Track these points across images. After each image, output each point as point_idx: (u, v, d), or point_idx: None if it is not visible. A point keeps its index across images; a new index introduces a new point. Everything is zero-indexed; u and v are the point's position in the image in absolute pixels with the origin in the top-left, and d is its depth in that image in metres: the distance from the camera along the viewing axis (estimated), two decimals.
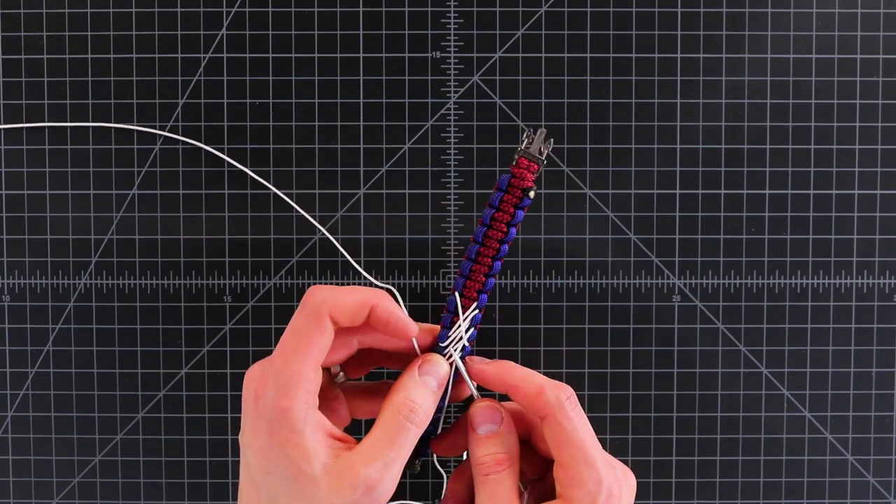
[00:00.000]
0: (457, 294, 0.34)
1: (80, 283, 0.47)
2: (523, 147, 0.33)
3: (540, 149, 0.33)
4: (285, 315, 0.47)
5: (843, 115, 0.46)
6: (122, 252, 0.47)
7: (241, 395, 0.33)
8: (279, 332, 0.47)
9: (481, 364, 0.34)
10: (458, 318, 0.33)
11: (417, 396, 0.32)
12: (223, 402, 0.47)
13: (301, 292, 0.47)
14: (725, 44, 0.46)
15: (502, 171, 0.40)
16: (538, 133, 0.33)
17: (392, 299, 0.33)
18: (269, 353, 0.47)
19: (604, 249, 0.47)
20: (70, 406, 0.47)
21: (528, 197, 0.33)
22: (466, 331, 0.34)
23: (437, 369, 0.33)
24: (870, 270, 0.47)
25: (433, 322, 0.48)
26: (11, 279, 0.47)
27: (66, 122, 0.46)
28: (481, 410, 0.33)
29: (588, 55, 0.46)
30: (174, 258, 0.47)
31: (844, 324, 0.47)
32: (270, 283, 0.47)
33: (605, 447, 0.47)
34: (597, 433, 0.47)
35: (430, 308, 0.47)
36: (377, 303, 0.32)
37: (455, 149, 0.46)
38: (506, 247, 0.33)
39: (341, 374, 0.36)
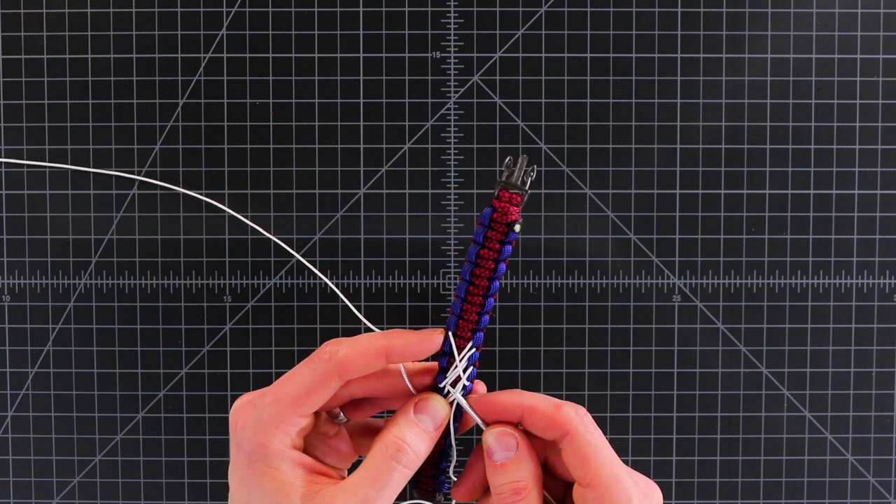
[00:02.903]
0: (450, 334, 0.32)
1: (80, 283, 0.47)
2: (503, 178, 0.31)
3: (522, 177, 0.31)
4: (285, 315, 0.47)
5: (843, 115, 0.46)
6: (122, 252, 0.47)
7: (241, 395, 0.33)
8: (279, 332, 0.47)
9: (489, 396, 0.32)
10: (455, 359, 0.32)
11: (408, 436, 0.31)
12: (223, 402, 0.47)
13: (301, 292, 0.47)
14: (725, 44, 0.46)
15: (479, 196, 0.39)
16: (519, 160, 0.31)
17: (403, 330, 0.32)
18: (269, 352, 0.47)
19: (604, 249, 0.47)
20: (70, 406, 0.47)
21: (514, 231, 0.31)
22: (465, 370, 0.32)
23: (435, 408, 0.32)
24: (870, 270, 0.47)
25: (433, 323, 0.48)
26: (11, 279, 0.47)
27: (66, 122, 0.46)
28: (495, 437, 0.32)
29: (588, 55, 0.46)
30: (174, 258, 0.47)
31: (844, 324, 0.47)
32: (270, 283, 0.47)
33: None
34: None
35: (430, 308, 0.47)
36: (390, 345, 0.31)
37: (455, 149, 0.46)
38: (497, 283, 0.32)
39: (342, 415, 0.35)
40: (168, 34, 0.46)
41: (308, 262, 0.47)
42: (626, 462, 0.47)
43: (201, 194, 0.47)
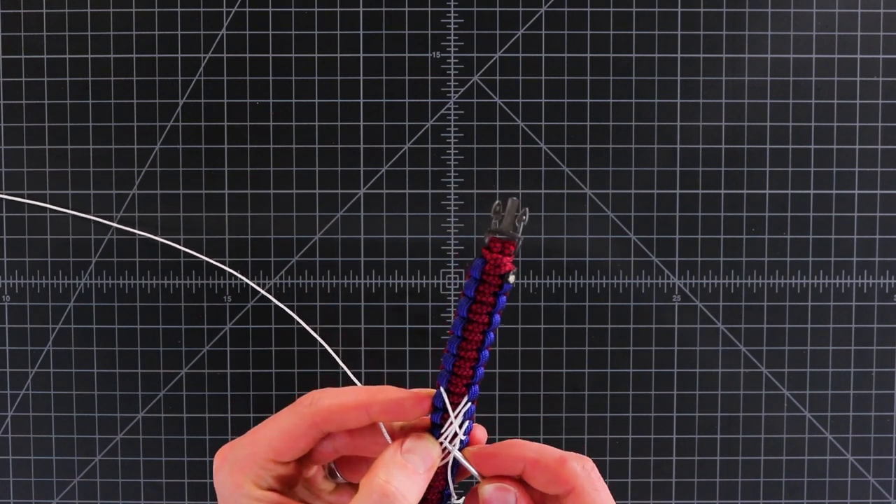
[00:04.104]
0: (443, 390, 0.29)
1: (80, 283, 0.47)
2: (493, 225, 0.28)
3: (514, 222, 0.28)
4: (285, 315, 0.47)
5: (843, 115, 0.46)
6: (122, 252, 0.47)
7: (241, 395, 0.33)
8: (279, 333, 0.47)
9: (489, 449, 0.30)
10: (449, 416, 0.29)
11: (397, 478, 0.28)
12: (223, 402, 0.47)
13: (301, 292, 0.47)
14: (725, 44, 0.46)
15: (478, 252, 0.35)
16: (508, 204, 0.28)
17: (393, 388, 0.30)
18: (269, 353, 0.47)
19: (604, 249, 0.47)
20: (70, 406, 0.47)
21: (508, 282, 0.28)
22: (461, 425, 0.29)
23: (425, 448, 0.29)
24: (870, 270, 0.47)
25: (433, 324, 0.48)
26: (11, 279, 0.47)
27: (66, 122, 0.46)
28: (492, 491, 0.30)
29: (588, 55, 0.46)
30: (174, 258, 0.47)
31: (844, 324, 0.47)
32: (270, 283, 0.47)
33: (605, 447, 0.47)
34: (597, 433, 0.47)
35: (430, 308, 0.47)
36: (371, 402, 0.29)
37: (455, 149, 0.46)
38: (491, 335, 0.29)
39: (338, 475, 0.33)
40: (168, 34, 0.46)
41: (307, 261, 0.47)
42: (625, 462, 0.47)
43: (179, 242, 0.47)
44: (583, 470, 0.29)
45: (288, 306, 0.47)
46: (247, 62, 0.46)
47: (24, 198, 0.47)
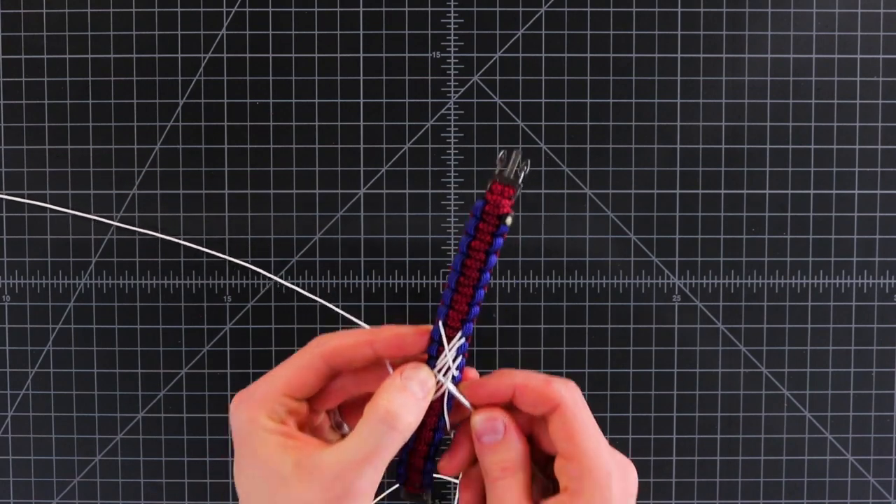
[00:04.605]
0: (440, 324, 0.32)
1: (80, 283, 0.47)
2: (497, 171, 0.31)
3: (516, 171, 0.31)
4: (285, 315, 0.47)
5: (843, 115, 0.46)
6: (122, 252, 0.47)
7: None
8: (279, 332, 0.47)
9: (478, 381, 0.33)
10: (444, 349, 0.32)
11: (397, 400, 0.31)
12: (223, 402, 0.47)
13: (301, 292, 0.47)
14: (725, 44, 0.46)
15: (478, 196, 0.39)
16: (513, 154, 0.31)
17: (394, 325, 0.33)
18: (269, 353, 0.47)
19: (604, 249, 0.47)
20: (70, 406, 0.47)
21: (505, 224, 0.31)
22: (454, 359, 0.32)
23: (422, 377, 0.32)
24: (870, 270, 0.47)
25: (431, 323, 0.48)
26: (11, 279, 0.47)
27: (66, 122, 0.46)
28: (482, 422, 0.32)
29: (588, 55, 0.46)
30: (174, 258, 0.47)
31: (844, 324, 0.47)
32: (270, 283, 0.47)
33: None
34: None
35: (430, 308, 0.47)
36: (375, 338, 0.32)
37: (455, 149, 0.46)
38: (487, 275, 0.32)
39: (345, 425, 0.35)
40: (168, 34, 0.46)
41: (307, 261, 0.47)
42: None
43: (180, 239, 0.47)
44: (567, 390, 0.31)
45: (288, 306, 0.47)
46: (247, 62, 0.46)
47: (24, 198, 0.47)
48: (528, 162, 0.31)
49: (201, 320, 0.47)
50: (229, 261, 0.47)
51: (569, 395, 0.31)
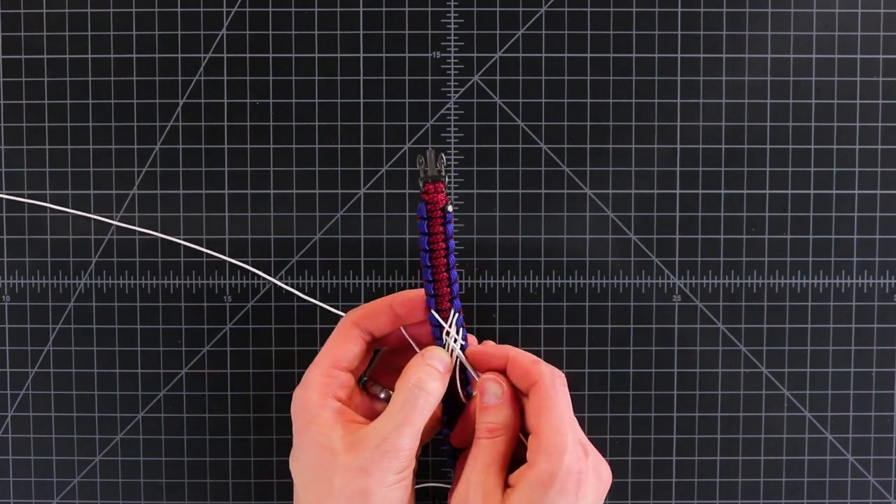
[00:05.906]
0: (433, 311, 0.37)
1: (80, 283, 0.47)
2: (422, 175, 0.36)
3: (436, 167, 0.36)
4: (285, 315, 0.47)
5: (843, 115, 0.46)
6: (122, 252, 0.47)
7: (241, 395, 0.36)
8: (279, 332, 0.47)
9: (481, 348, 0.39)
10: (445, 328, 0.37)
11: (424, 372, 0.36)
12: (223, 401, 0.47)
13: (301, 292, 0.47)
14: (725, 44, 0.46)
15: (419, 197, 0.46)
16: (427, 155, 0.36)
17: (408, 290, 0.39)
18: (269, 353, 0.47)
19: (604, 249, 0.47)
20: (70, 406, 0.47)
21: (449, 212, 0.36)
22: (458, 331, 0.38)
23: (440, 355, 0.37)
24: (870, 270, 0.47)
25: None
26: (11, 279, 0.47)
27: (66, 122, 0.46)
28: (487, 382, 0.37)
29: (588, 55, 0.46)
30: (174, 258, 0.47)
31: (844, 324, 0.47)
32: (270, 284, 0.47)
33: (605, 447, 0.47)
34: (597, 433, 0.47)
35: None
36: (393, 300, 0.38)
37: (455, 149, 0.46)
38: (453, 257, 0.37)
39: (387, 390, 0.41)
40: (168, 34, 0.46)
41: (307, 261, 0.47)
42: (625, 462, 0.47)
43: (180, 239, 0.47)
44: (549, 373, 0.36)
45: (288, 306, 0.47)
46: (247, 62, 0.46)
47: (24, 198, 0.47)
48: (443, 155, 0.37)
49: (201, 320, 0.47)
50: (229, 261, 0.47)
51: (548, 376, 0.36)
